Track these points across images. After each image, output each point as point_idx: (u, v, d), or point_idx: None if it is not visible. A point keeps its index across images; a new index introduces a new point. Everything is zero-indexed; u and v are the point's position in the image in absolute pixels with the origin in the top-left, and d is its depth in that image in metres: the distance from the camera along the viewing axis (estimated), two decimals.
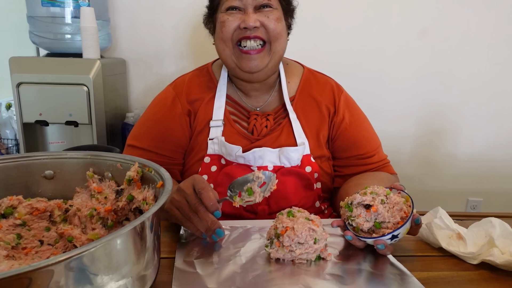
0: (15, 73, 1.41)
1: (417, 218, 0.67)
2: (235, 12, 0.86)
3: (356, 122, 0.99)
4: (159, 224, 0.54)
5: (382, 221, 0.66)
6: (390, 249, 0.65)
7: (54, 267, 0.36)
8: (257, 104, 0.98)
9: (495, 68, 1.89)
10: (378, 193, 0.68)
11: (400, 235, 0.65)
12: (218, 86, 0.96)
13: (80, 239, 0.56)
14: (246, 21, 0.84)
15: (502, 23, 1.83)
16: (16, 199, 0.59)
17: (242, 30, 0.85)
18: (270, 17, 0.86)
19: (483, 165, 2.02)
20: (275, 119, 0.95)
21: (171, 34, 1.77)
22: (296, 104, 0.96)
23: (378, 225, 0.66)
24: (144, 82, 1.83)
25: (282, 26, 0.89)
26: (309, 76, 1.01)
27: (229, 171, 0.88)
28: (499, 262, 0.63)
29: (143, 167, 0.61)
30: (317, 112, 0.97)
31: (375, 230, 0.67)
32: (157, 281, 0.54)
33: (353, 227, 0.68)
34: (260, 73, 0.89)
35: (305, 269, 0.62)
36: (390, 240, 0.65)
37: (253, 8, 0.86)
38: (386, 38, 1.83)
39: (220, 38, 0.88)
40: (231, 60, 0.89)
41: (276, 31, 0.86)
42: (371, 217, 0.67)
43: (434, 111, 1.95)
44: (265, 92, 0.98)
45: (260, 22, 0.85)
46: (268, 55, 0.88)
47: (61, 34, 1.52)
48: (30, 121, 1.45)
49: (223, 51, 0.89)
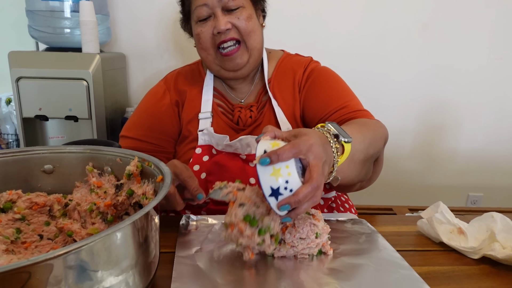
0: (15, 67, 1.40)
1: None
2: (206, 22, 0.90)
3: (317, 83, 0.95)
4: (158, 218, 0.54)
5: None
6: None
7: (53, 261, 0.36)
8: (242, 96, 1.01)
9: (496, 63, 1.88)
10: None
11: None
12: (205, 81, 1.00)
13: (80, 233, 0.56)
14: (217, 27, 0.87)
15: (504, 17, 1.82)
16: (15, 193, 0.59)
17: (217, 35, 0.89)
18: (240, 18, 0.89)
19: (484, 160, 2.02)
20: (258, 109, 0.98)
21: (170, 29, 1.76)
22: (273, 84, 0.98)
23: (260, 229, 0.57)
24: (144, 76, 1.83)
25: (254, 23, 0.92)
26: (286, 57, 1.03)
27: (218, 160, 0.90)
28: (500, 257, 0.63)
29: (142, 162, 0.61)
30: (291, 87, 0.97)
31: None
32: (157, 275, 0.54)
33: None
34: (243, 69, 0.94)
35: (306, 264, 0.62)
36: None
37: (221, 10, 0.88)
38: (386, 33, 1.82)
39: (201, 48, 0.93)
40: (214, 65, 0.94)
41: (247, 30, 0.90)
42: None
43: (435, 106, 1.94)
44: (249, 83, 1.02)
45: (231, 23, 0.89)
46: (246, 52, 0.92)
47: (60, 28, 1.52)
48: (30, 116, 1.45)
49: (206, 58, 0.94)
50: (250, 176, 0.89)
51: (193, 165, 0.91)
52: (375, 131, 0.80)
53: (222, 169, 0.88)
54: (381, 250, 0.67)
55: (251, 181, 0.89)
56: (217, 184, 0.66)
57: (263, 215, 0.58)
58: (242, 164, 0.89)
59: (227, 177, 0.86)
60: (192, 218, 0.76)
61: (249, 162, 0.90)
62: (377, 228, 0.76)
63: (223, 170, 0.88)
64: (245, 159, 0.90)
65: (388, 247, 0.68)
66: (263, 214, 0.58)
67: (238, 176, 0.87)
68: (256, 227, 0.56)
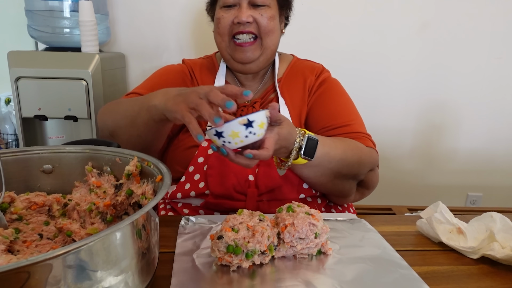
0: (14, 67, 1.40)
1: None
2: (230, 9, 0.93)
3: (326, 95, 0.99)
4: (158, 218, 0.53)
5: None
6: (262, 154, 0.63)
7: (53, 261, 0.36)
8: None
9: (495, 62, 1.88)
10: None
11: (255, 125, 0.61)
12: (217, 76, 1.02)
13: (79, 233, 0.56)
14: (239, 17, 0.91)
15: (503, 17, 1.82)
16: (7, 196, 0.59)
17: (236, 25, 0.92)
18: (263, 15, 0.92)
19: (483, 160, 2.02)
20: (260, 105, 1.00)
21: (170, 28, 1.76)
22: (283, 84, 1.01)
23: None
24: (143, 76, 1.82)
25: (275, 24, 0.95)
26: (298, 61, 1.07)
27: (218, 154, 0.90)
28: (500, 257, 0.63)
29: (142, 162, 0.61)
30: (301, 90, 1.00)
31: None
32: (156, 275, 0.54)
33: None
34: (251, 64, 0.96)
35: (306, 264, 0.62)
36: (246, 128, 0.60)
37: (247, 3, 0.92)
38: (386, 32, 1.82)
39: (217, 32, 0.96)
40: (226, 53, 0.97)
41: (267, 28, 0.93)
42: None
43: (434, 106, 1.94)
44: (258, 81, 1.04)
45: (253, 18, 0.92)
46: (259, 48, 0.95)
47: (59, 28, 1.51)
48: (29, 115, 1.45)
49: (220, 44, 0.97)
50: (249, 173, 0.89)
51: (198, 157, 0.91)
52: (360, 157, 0.86)
53: (223, 164, 0.88)
54: (380, 250, 0.67)
55: (250, 178, 0.89)
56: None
57: (247, 237, 0.59)
58: None
59: (227, 171, 0.87)
60: (192, 219, 0.76)
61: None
62: (376, 228, 0.76)
63: (224, 165, 0.88)
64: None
65: (387, 247, 0.68)
66: (247, 237, 0.59)
67: (238, 171, 0.88)
68: (242, 253, 0.58)
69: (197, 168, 0.91)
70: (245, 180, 0.89)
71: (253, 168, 0.90)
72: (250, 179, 0.89)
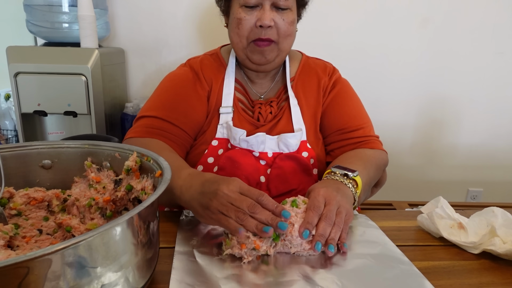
0: (13, 62, 1.39)
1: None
2: (252, 10, 0.88)
3: (341, 97, 1.00)
4: (158, 213, 0.53)
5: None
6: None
7: (52, 257, 0.36)
8: (262, 91, 1.01)
9: (497, 58, 1.87)
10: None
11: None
12: (226, 73, 0.98)
13: (79, 229, 0.56)
14: (262, 20, 0.86)
15: (505, 12, 1.81)
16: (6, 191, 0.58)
17: (258, 28, 0.88)
18: (285, 20, 0.89)
19: (484, 155, 2.02)
20: (278, 104, 0.98)
21: (170, 23, 1.75)
22: (296, 83, 1.00)
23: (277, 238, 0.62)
24: (143, 72, 1.82)
25: (293, 28, 0.92)
26: (308, 59, 1.06)
27: (231, 155, 0.88)
28: (501, 252, 0.63)
29: (141, 157, 0.61)
30: (315, 91, 0.99)
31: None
32: (156, 270, 0.54)
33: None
34: (267, 66, 0.94)
35: (306, 259, 0.62)
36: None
37: (270, 5, 0.87)
38: (387, 28, 1.81)
39: (236, 33, 0.90)
40: (242, 53, 0.93)
41: (287, 33, 0.90)
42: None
43: (435, 101, 1.94)
44: (270, 79, 1.02)
45: (274, 21, 0.87)
46: (276, 51, 0.92)
47: (58, 23, 1.50)
48: (28, 111, 1.44)
49: (237, 44, 0.92)
50: (261, 174, 0.89)
51: (208, 157, 0.90)
52: (377, 164, 0.90)
53: (234, 165, 0.87)
54: (381, 245, 0.67)
55: (261, 180, 0.89)
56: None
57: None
58: (254, 162, 0.89)
59: (239, 174, 0.85)
60: (192, 214, 0.76)
61: (261, 160, 0.90)
62: (377, 223, 0.76)
63: (235, 167, 0.87)
64: (257, 156, 0.90)
65: (388, 242, 0.68)
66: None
67: (249, 173, 0.87)
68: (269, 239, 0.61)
69: (206, 169, 0.90)
70: (256, 183, 0.88)
71: (264, 169, 0.90)
72: (261, 180, 0.89)
